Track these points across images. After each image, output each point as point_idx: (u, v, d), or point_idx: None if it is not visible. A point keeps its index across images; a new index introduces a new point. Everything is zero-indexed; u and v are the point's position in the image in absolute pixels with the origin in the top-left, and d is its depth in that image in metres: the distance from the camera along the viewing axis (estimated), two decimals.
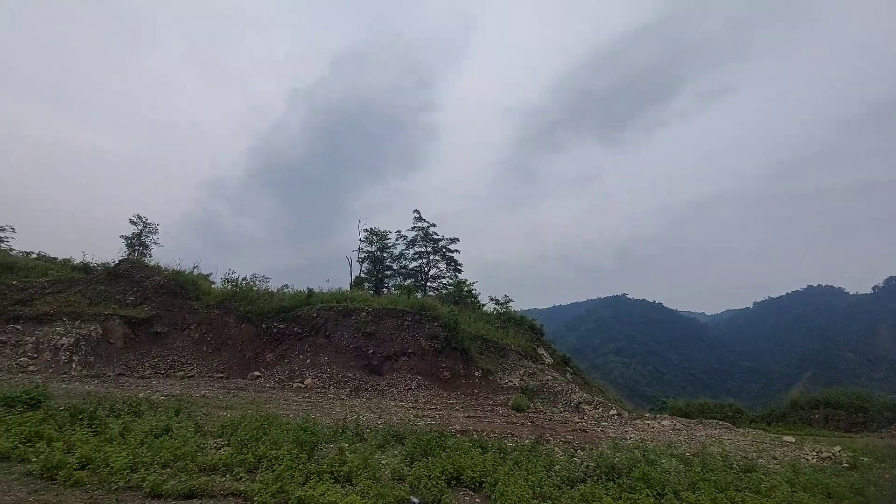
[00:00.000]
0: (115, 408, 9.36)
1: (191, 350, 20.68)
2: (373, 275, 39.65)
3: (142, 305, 20.55)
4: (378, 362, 20.89)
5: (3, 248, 27.20)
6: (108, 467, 5.95)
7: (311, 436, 7.95)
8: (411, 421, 12.60)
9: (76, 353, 17.30)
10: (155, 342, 20.08)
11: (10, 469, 6.02)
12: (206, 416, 10.44)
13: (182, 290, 22.14)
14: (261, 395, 15.95)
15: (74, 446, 6.57)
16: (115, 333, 18.83)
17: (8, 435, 6.83)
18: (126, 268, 22.75)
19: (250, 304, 22.44)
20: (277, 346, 21.76)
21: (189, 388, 16.00)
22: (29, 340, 17.07)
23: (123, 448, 6.61)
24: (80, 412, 8.42)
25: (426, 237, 40.82)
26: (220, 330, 21.78)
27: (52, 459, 5.92)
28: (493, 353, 24.16)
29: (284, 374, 19.84)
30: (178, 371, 19.20)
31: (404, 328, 22.31)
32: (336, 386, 19.15)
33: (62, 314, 18.38)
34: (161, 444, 6.93)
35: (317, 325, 22.06)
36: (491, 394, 20.14)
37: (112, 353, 18.58)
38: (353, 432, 9.58)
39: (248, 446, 7.20)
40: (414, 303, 23.96)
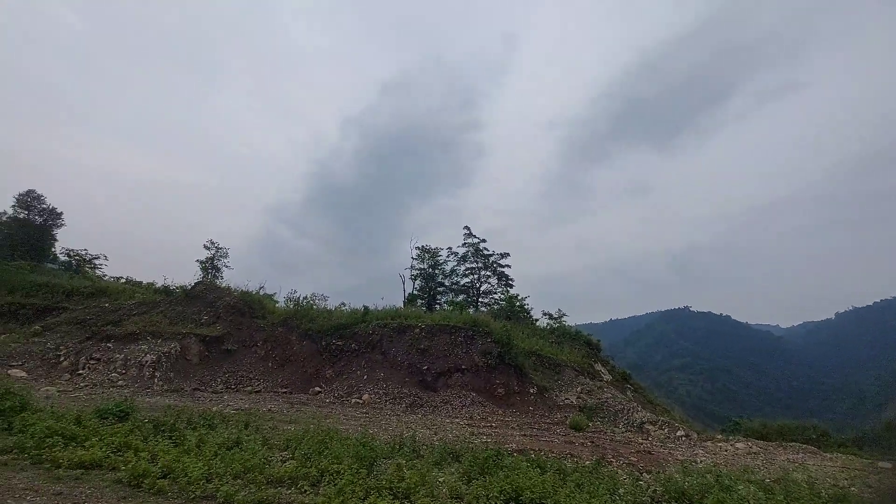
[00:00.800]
0: (191, 421, 9.98)
1: (257, 366, 21.72)
2: (425, 291, 40.07)
3: (214, 324, 21.93)
4: (432, 378, 20.94)
5: (98, 275, 30.11)
6: (187, 477, 6.35)
7: (370, 451, 8.08)
8: (467, 438, 12.48)
9: (158, 370, 18.68)
10: (226, 359, 21.29)
11: (102, 476, 6.56)
12: (273, 429, 10.88)
13: (249, 309, 23.42)
14: (321, 410, 16.43)
15: (157, 456, 7.07)
16: (191, 351, 20.18)
17: (101, 445, 7.46)
18: (201, 289, 24.45)
19: (311, 322, 23.31)
20: (336, 362, 22.38)
21: (256, 402, 16.77)
22: (118, 358, 18.66)
23: (199, 459, 7.04)
24: (162, 424, 9.06)
25: (477, 253, 40.85)
26: (283, 347, 22.74)
27: (138, 468, 6.40)
28: (548, 370, 23.52)
29: (343, 390, 20.34)
30: (246, 386, 20.21)
31: (457, 344, 22.28)
32: (392, 402, 19.37)
33: (146, 333, 19.99)
34: (233, 456, 7.31)
35: (373, 342, 22.52)
36: (547, 412, 19.57)
37: (189, 370, 19.89)
38: (410, 448, 9.62)
39: (312, 460, 7.43)
40: (466, 318, 23.92)
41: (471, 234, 41.15)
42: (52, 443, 7.22)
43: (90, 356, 18.60)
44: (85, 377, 17.70)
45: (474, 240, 40.97)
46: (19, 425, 8.07)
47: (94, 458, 6.88)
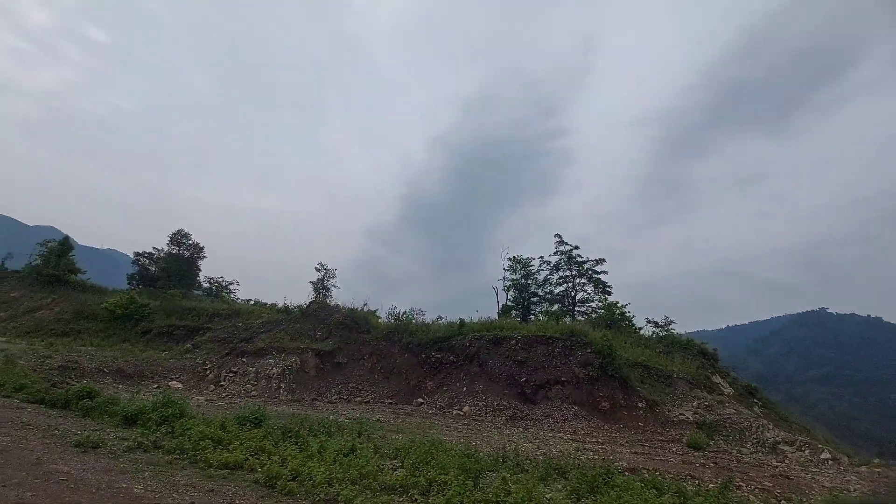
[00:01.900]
0: (312, 428, 10.87)
1: (365, 378, 23.03)
2: (519, 302, 39.54)
3: (327, 340, 23.78)
4: (531, 391, 20.50)
5: (233, 298, 34.41)
6: (312, 480, 6.94)
7: (475, 463, 8.13)
8: (572, 454, 11.99)
9: (283, 381, 20.69)
10: (338, 371, 22.91)
11: (243, 477, 7.42)
12: (382, 438, 11.44)
13: (356, 325, 25.03)
14: (425, 421, 16.89)
15: (287, 460, 7.82)
16: (308, 364, 22.07)
17: (241, 448, 8.45)
18: (314, 308, 26.72)
19: (411, 336, 24.22)
20: (436, 374, 22.93)
21: (366, 412, 17.76)
22: (251, 371, 21.02)
23: (321, 464, 7.65)
24: (289, 431, 10.01)
25: (570, 261, 39.45)
26: (387, 360, 23.88)
27: (272, 470, 7.15)
28: (658, 382, 21.76)
29: (444, 402, 20.74)
30: (356, 397, 21.52)
31: (555, 355, 21.61)
32: (492, 414, 19.29)
33: (272, 349, 22.30)
34: (349, 462, 7.84)
35: (470, 354, 22.72)
36: (659, 428, 18.07)
37: (307, 381, 21.74)
38: (514, 462, 9.50)
39: (420, 470, 7.69)
40: (563, 328, 23.14)
41: (562, 241, 39.93)
42: (204, 445, 8.35)
43: (229, 370, 21.20)
44: (226, 388, 20.18)
45: (566, 247, 39.66)
46: (179, 430, 9.45)
47: (236, 459, 7.83)
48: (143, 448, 8.50)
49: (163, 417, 10.04)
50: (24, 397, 12.35)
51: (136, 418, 10.22)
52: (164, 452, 8.33)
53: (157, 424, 9.77)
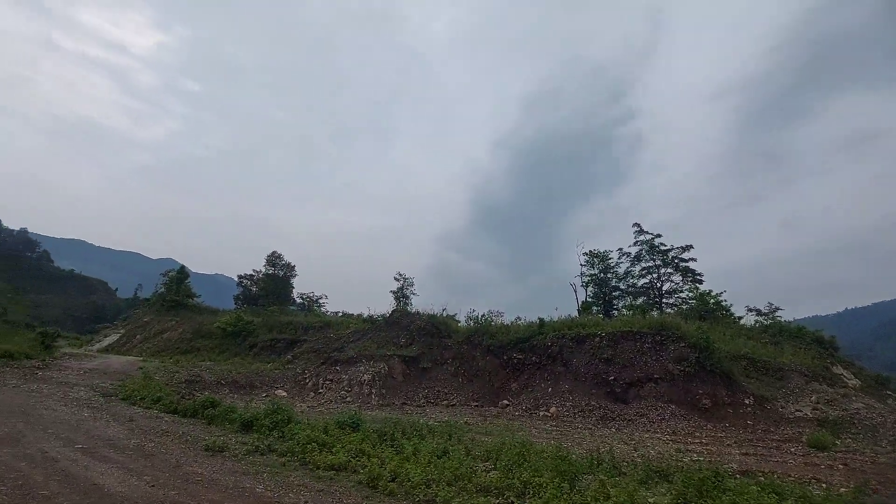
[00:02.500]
0: (405, 431, 11.27)
1: (450, 382, 23.37)
2: (599, 297, 37.94)
3: (411, 346, 24.52)
4: (622, 389, 19.52)
5: (323, 311, 36.78)
6: (410, 481, 7.21)
7: (569, 465, 7.93)
8: (673, 456, 11.25)
9: (373, 387, 21.65)
10: (423, 376, 23.49)
11: (347, 478, 7.88)
12: (472, 440, 11.54)
13: (437, 330, 25.53)
14: (512, 423, 16.75)
15: (385, 462, 8.19)
16: (396, 370, 22.90)
17: (343, 451, 8.99)
18: (397, 316, 27.70)
19: (491, 338, 24.20)
20: (519, 375, 22.66)
21: (453, 415, 18.01)
22: (345, 378, 22.26)
23: (417, 465, 7.91)
24: (384, 434, 10.48)
25: (652, 250, 37.13)
26: (469, 363, 24.05)
27: (373, 472, 7.53)
28: (766, 376, 19.71)
29: (530, 403, 20.41)
30: (443, 400, 21.90)
31: (644, 351, 20.41)
32: (581, 415, 18.64)
33: (362, 357, 23.45)
34: (443, 464, 8.02)
35: (552, 354, 22.18)
36: (772, 426, 16.33)
37: (395, 386, 22.55)
38: (610, 465, 9.11)
39: (514, 472, 7.66)
40: (651, 323, 21.78)
41: (642, 230, 37.73)
42: (311, 448, 9.01)
43: (325, 378, 22.63)
44: (324, 395, 21.55)
45: (647, 236, 37.40)
46: (288, 434, 10.28)
47: (340, 461, 8.35)
48: (259, 451, 9.36)
49: (274, 423, 10.98)
50: (161, 408, 14.12)
51: (251, 424, 11.28)
52: (277, 455, 9.11)
53: (269, 430, 10.71)
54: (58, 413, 12.24)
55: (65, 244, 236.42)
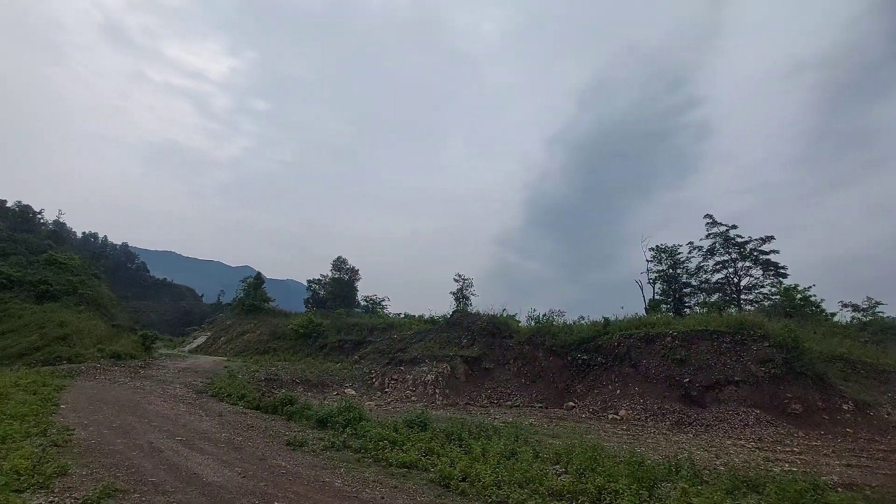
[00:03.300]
0: (471, 431, 11.31)
1: (512, 382, 23.13)
2: (669, 295, 35.84)
3: (472, 346, 24.57)
4: (698, 393, 18.30)
5: (386, 313, 37.89)
6: (481, 482, 7.21)
7: (646, 472, 7.55)
8: (760, 465, 10.36)
9: (437, 387, 21.93)
10: (486, 376, 23.45)
11: (419, 476, 8.04)
12: (539, 442, 11.34)
13: (498, 330, 25.39)
14: (579, 426, 16.24)
15: (455, 462, 8.26)
16: (458, 370, 23.05)
17: (413, 449, 9.18)
18: (458, 317, 27.90)
19: (553, 338, 23.67)
20: (585, 376, 21.96)
21: (518, 416, 17.79)
22: (409, 378, 22.75)
23: (487, 466, 7.90)
24: (451, 434, 10.57)
25: (727, 243, 34.50)
26: (532, 363, 23.67)
27: (444, 471, 7.63)
28: (868, 379, 17.67)
29: (597, 405, 19.71)
30: (506, 401, 21.71)
31: (723, 352, 19.01)
32: (653, 418, 17.70)
33: (425, 357, 23.86)
34: (513, 465, 7.95)
35: (619, 354, 21.28)
36: (876, 434, 14.58)
37: (458, 386, 22.68)
38: (690, 472, 8.56)
39: (586, 476, 7.43)
40: (730, 321, 20.25)
41: (714, 222, 35.17)
42: (382, 446, 9.30)
43: (391, 377, 23.25)
44: (390, 394, 22.15)
45: (720, 228, 34.81)
46: (361, 431, 10.68)
47: (411, 459, 8.53)
48: (335, 447, 9.80)
49: (346, 421, 11.45)
50: (245, 404, 15.20)
51: (326, 421, 11.84)
52: (352, 451, 9.49)
53: (342, 427, 11.18)
54: (159, 408, 13.55)
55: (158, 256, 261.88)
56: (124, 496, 6.15)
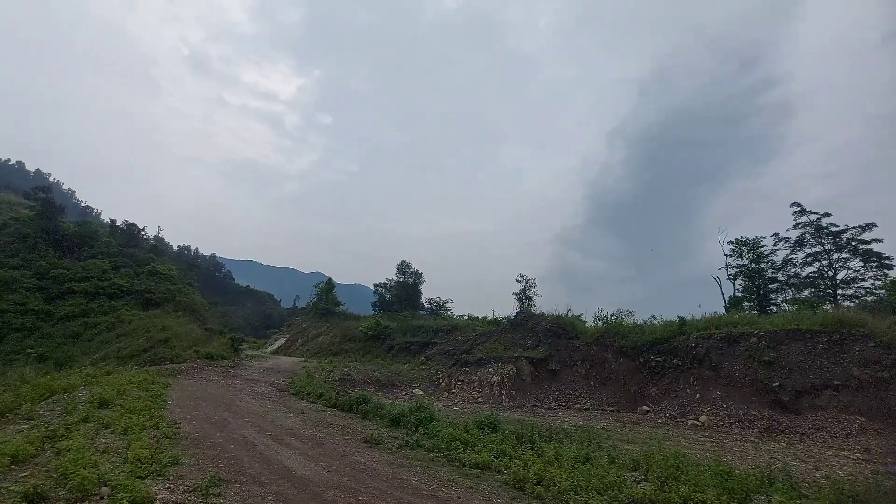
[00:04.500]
0: (542, 434, 11.14)
1: (580, 384, 22.44)
2: (752, 291, 32.93)
3: (538, 347, 24.16)
4: (790, 398, 16.69)
5: (450, 315, 38.28)
6: (556, 486, 7.09)
7: (736, 482, 7.03)
8: (869, 478, 9.27)
9: (503, 388, 21.81)
10: (552, 378, 22.95)
11: (493, 477, 8.06)
12: (613, 448, 10.92)
13: (563, 331, 24.76)
14: (656, 431, 15.42)
15: (528, 464, 8.19)
16: (524, 372, 22.77)
17: (485, 451, 9.23)
18: (521, 318, 27.57)
19: (623, 339, 22.66)
20: (659, 379, 20.81)
21: (588, 419, 17.25)
22: (475, 379, 22.83)
23: (561, 470, 7.75)
24: (522, 436, 10.49)
25: (819, 232, 31.10)
26: (601, 365, 22.82)
27: (518, 474, 7.60)
28: None
29: (674, 410, 18.61)
30: (574, 403, 21.10)
31: (818, 353, 17.20)
32: (739, 425, 16.39)
33: (490, 358, 23.83)
34: (589, 471, 7.73)
35: (698, 356, 19.92)
36: None
37: (524, 388, 22.40)
38: (786, 485, 7.85)
39: (669, 485, 7.05)
40: (825, 319, 18.26)
41: (803, 210, 31.84)
42: (455, 446, 9.44)
43: (457, 378, 23.47)
44: (456, 394, 22.35)
45: (811, 216, 31.45)
46: (432, 431, 10.90)
47: (484, 460, 8.59)
48: (409, 446, 10.09)
49: (418, 420, 11.74)
50: (323, 402, 16.06)
51: (398, 420, 12.22)
52: (425, 450, 9.72)
53: (414, 426, 11.48)
54: (249, 404, 14.69)
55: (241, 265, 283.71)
56: (227, 486, 6.75)
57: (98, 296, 40.41)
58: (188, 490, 6.40)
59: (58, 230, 47.46)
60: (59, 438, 7.93)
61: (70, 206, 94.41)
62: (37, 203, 50.38)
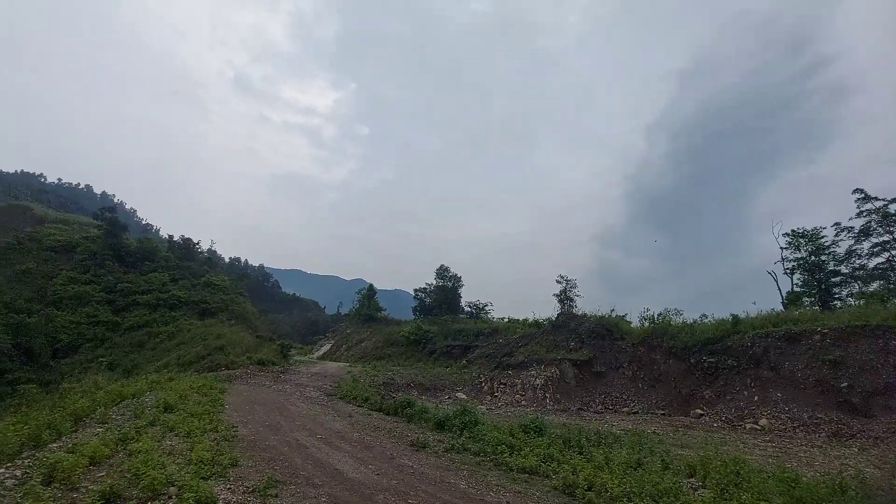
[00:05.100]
0: (590, 438, 10.84)
1: (628, 387, 21.70)
2: (812, 286, 30.73)
3: (581, 349, 23.57)
4: (860, 400, 15.43)
5: (490, 318, 38.10)
6: (608, 492, 6.87)
7: (804, 491, 6.55)
8: None
9: (547, 391, 21.42)
10: (597, 381, 22.31)
11: (541, 482, 7.92)
12: (667, 453, 10.46)
13: (608, 332, 24.05)
14: (712, 436, 14.65)
15: (577, 469, 7.98)
16: (567, 374, 22.27)
17: (532, 455, 9.08)
18: (563, 319, 27.02)
19: (672, 339, 21.73)
20: (713, 381, 19.79)
21: (637, 423, 16.63)
22: (517, 382, 22.55)
23: (612, 476, 7.50)
24: (569, 440, 10.25)
25: (886, 220, 28.67)
26: (649, 367, 21.98)
27: (568, 479, 7.42)
28: None
29: (730, 413, 17.64)
30: (623, 407, 20.42)
31: (891, 350, 15.82)
32: (804, 429, 15.30)
33: (532, 361, 23.48)
34: (641, 477, 7.44)
35: (755, 356, 18.80)
36: None
37: (569, 391, 21.89)
38: (860, 493, 7.24)
39: (730, 493, 6.66)
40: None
41: (867, 197, 29.44)
42: (501, 450, 9.35)
43: (500, 381, 23.26)
44: (499, 398, 22.16)
45: (877, 203, 29.04)
46: (477, 435, 10.85)
47: (531, 465, 8.45)
48: (455, 449, 10.09)
49: (463, 424, 11.72)
50: (369, 406, 16.34)
51: (443, 424, 12.25)
52: (471, 454, 9.68)
53: (459, 430, 11.47)
54: (299, 408, 15.17)
55: (287, 274, 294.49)
56: (283, 487, 6.99)
57: (159, 307, 43.15)
58: (247, 491, 6.67)
59: (122, 247, 51.14)
60: (130, 441, 8.47)
61: (132, 223, 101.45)
62: (103, 223, 54.46)
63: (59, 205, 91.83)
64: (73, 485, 6.00)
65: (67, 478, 6.05)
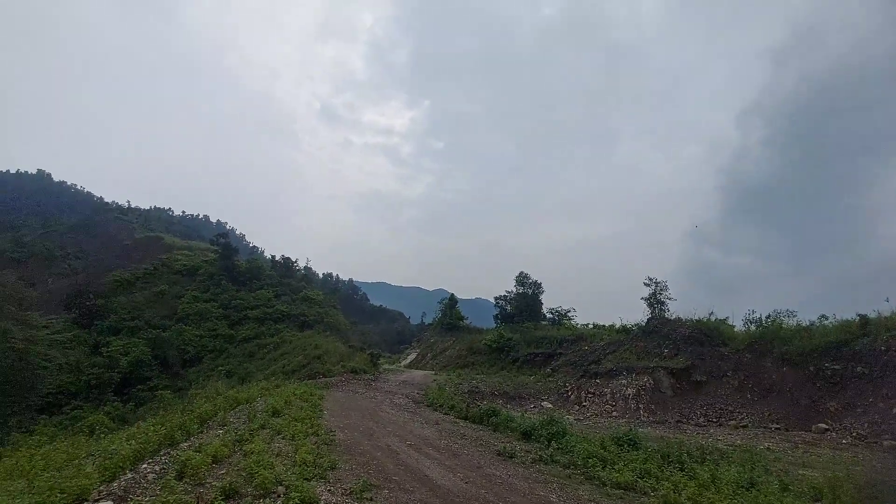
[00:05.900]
0: (691, 453, 9.90)
1: (734, 398, 19.52)
2: None
3: (676, 356, 21.68)
4: None
5: (573, 324, 36.66)
6: None
7: None
8: None
9: (640, 402, 19.99)
10: (697, 391, 20.34)
11: (638, 499, 7.38)
12: (785, 472, 9.22)
13: (707, 337, 21.91)
14: (841, 454, 12.66)
15: (679, 487, 7.32)
16: (663, 384, 20.58)
17: (627, 469, 8.50)
18: (655, 324, 25.12)
19: (786, 344, 19.21)
20: (838, 391, 17.14)
21: (747, 438, 14.90)
22: (607, 391, 21.34)
23: (720, 496, 6.77)
24: (668, 455, 9.44)
25: None
26: (758, 375, 19.62)
27: (668, 497, 6.83)
28: None
29: (863, 428, 15.11)
30: (729, 420, 18.39)
31: None
32: None
33: (621, 369, 22.08)
34: (755, 498, 6.63)
35: (891, 362, 16.00)
36: None
37: (665, 401, 20.20)
38: None
39: None
40: None
41: None
42: (593, 463, 8.87)
43: (587, 390, 22.19)
44: (587, 408, 21.12)
45: None
46: (566, 446, 10.42)
47: (626, 480, 7.92)
48: (543, 461, 9.78)
49: (550, 434, 11.34)
50: (455, 414, 16.45)
51: (530, 434, 11.95)
52: (560, 466, 9.32)
53: (547, 440, 11.11)
54: (389, 415, 15.73)
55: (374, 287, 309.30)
56: (377, 491, 7.28)
57: (266, 321, 47.74)
58: (345, 493, 7.04)
59: (234, 268, 57.63)
60: (245, 442, 9.38)
61: (242, 247, 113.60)
62: (218, 247, 61.72)
63: (183, 234, 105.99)
64: (199, 480, 6.77)
65: (195, 474, 6.84)
